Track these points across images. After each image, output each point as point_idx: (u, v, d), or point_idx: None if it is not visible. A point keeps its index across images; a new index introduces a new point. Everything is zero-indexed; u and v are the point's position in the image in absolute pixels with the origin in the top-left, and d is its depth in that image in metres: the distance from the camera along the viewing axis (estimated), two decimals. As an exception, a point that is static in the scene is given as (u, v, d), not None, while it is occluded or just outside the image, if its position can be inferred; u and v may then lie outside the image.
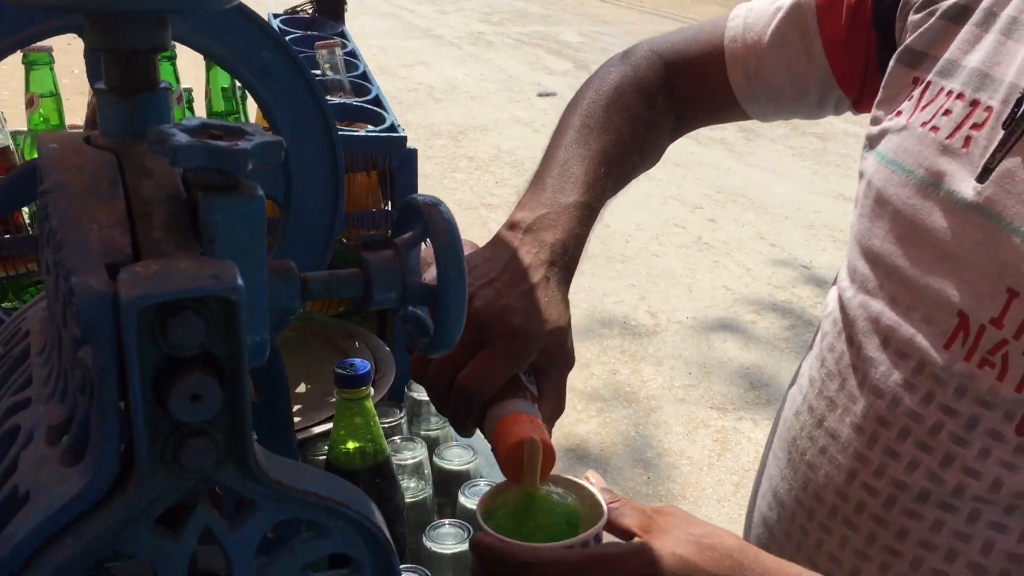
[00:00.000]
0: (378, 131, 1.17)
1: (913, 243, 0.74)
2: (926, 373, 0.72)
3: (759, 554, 0.65)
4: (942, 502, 0.72)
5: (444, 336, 0.56)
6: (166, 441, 0.45)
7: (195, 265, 0.44)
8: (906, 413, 0.73)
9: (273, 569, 0.49)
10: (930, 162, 0.74)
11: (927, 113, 0.76)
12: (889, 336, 0.75)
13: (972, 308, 0.69)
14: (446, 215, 0.55)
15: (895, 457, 0.74)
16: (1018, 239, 0.67)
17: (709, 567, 0.62)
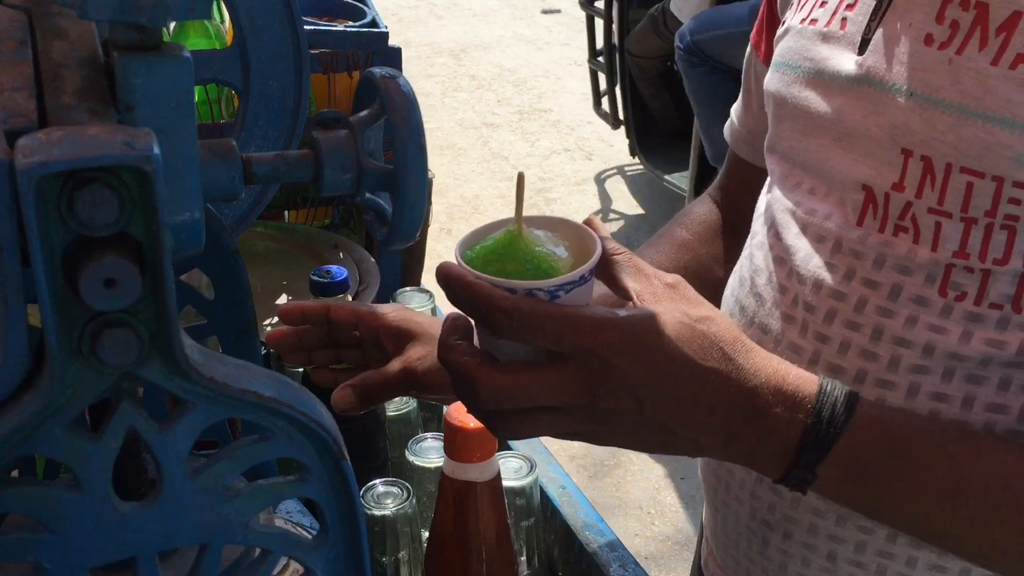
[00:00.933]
0: (357, 26, 1.11)
1: (812, 132, 0.76)
2: (844, 251, 0.72)
3: (752, 350, 0.61)
4: (879, 380, 0.70)
5: (403, 223, 0.51)
6: (81, 331, 0.41)
7: (105, 131, 0.38)
8: (830, 294, 0.73)
9: (208, 474, 0.45)
10: (812, 52, 0.76)
11: (805, 10, 0.78)
12: (806, 223, 0.75)
13: (874, 178, 0.70)
14: (404, 87, 0.50)
15: (826, 341, 0.73)
16: (901, 98, 0.68)
17: (694, 355, 0.58)
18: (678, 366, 0.58)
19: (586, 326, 0.57)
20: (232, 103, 1.20)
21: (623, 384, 0.57)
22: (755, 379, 0.60)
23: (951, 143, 0.65)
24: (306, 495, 0.49)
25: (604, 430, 0.60)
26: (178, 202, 0.44)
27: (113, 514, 0.44)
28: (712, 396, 0.59)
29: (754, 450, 0.62)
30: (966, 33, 0.65)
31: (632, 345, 0.57)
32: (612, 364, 0.57)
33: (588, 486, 2.67)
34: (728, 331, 0.61)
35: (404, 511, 0.90)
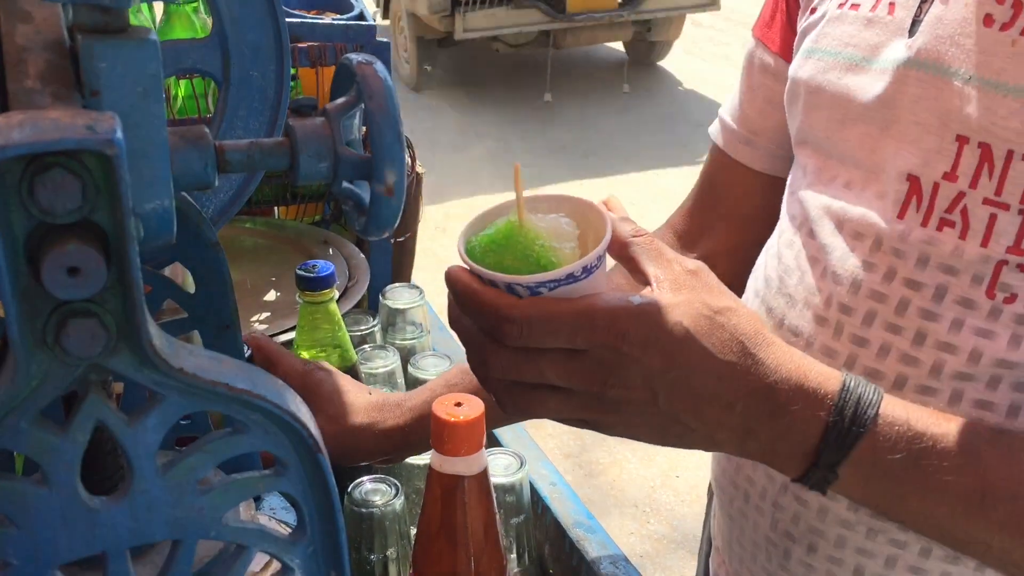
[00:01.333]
0: (344, 19, 1.10)
1: (852, 121, 0.71)
2: (884, 249, 0.68)
3: (772, 343, 0.58)
4: (920, 386, 0.66)
5: (380, 212, 0.50)
6: (46, 322, 0.40)
7: (67, 115, 0.37)
8: (868, 295, 0.69)
9: (179, 468, 0.44)
10: (855, 38, 0.71)
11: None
12: (842, 219, 0.71)
13: (921, 168, 0.66)
14: (381, 74, 0.49)
15: (863, 345, 0.69)
16: (959, 82, 0.64)
17: (712, 347, 0.55)
18: (696, 358, 0.56)
19: (599, 319, 0.54)
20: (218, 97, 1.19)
21: (637, 374, 0.55)
22: (775, 374, 0.57)
23: (1014, 128, 0.61)
24: (282, 489, 0.47)
25: (613, 419, 0.58)
26: (147, 189, 0.43)
27: (81, 509, 0.43)
28: (730, 391, 0.57)
29: (772, 447, 0.59)
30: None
31: (648, 335, 0.55)
32: (626, 354, 0.55)
33: (583, 484, 2.66)
34: (749, 323, 0.58)
35: (392, 508, 0.89)
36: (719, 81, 5.63)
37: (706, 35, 6.47)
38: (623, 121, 5.19)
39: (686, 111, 5.34)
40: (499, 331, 0.54)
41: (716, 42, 6.36)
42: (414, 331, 1.20)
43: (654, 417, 0.57)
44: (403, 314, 1.19)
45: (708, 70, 5.92)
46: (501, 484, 0.91)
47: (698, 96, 5.59)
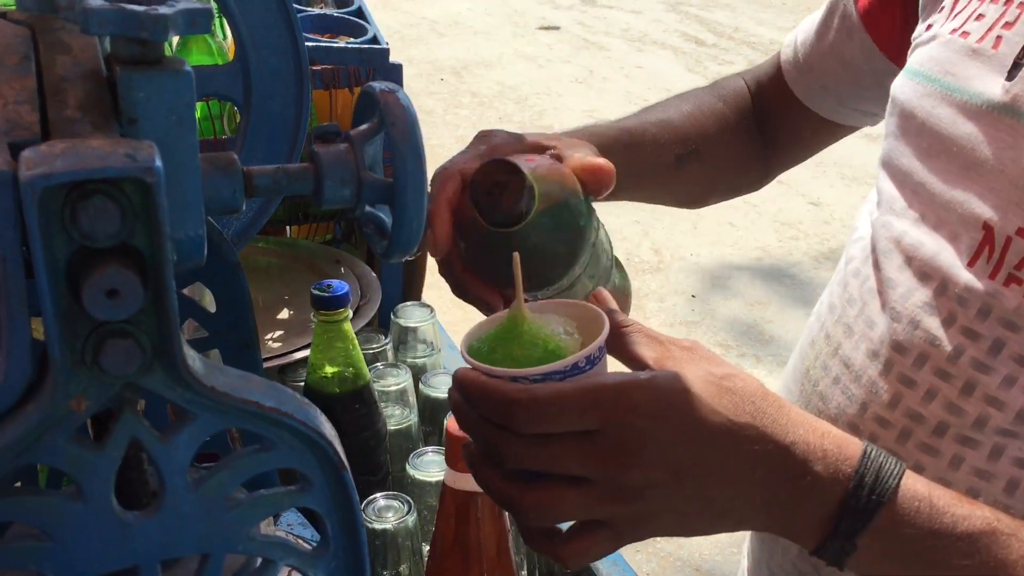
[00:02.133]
0: (358, 43, 1.12)
1: (938, 155, 0.69)
2: (948, 294, 0.66)
3: (784, 404, 0.57)
4: (961, 436, 0.66)
5: (402, 236, 0.51)
6: (84, 342, 0.41)
7: (108, 144, 0.39)
8: (925, 337, 0.67)
9: (210, 484, 0.45)
10: (956, 67, 0.69)
11: (958, 20, 0.71)
12: (911, 255, 0.69)
13: (998, 219, 0.64)
14: (403, 102, 0.50)
15: (911, 386, 0.68)
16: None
17: (726, 410, 0.54)
18: (711, 423, 0.54)
19: (607, 394, 0.53)
20: (234, 119, 1.20)
21: (655, 450, 0.53)
22: (792, 434, 0.55)
23: None
24: (307, 505, 0.49)
25: (637, 508, 0.55)
26: (180, 214, 0.45)
27: (115, 523, 0.44)
28: (748, 454, 0.55)
29: (792, 515, 0.57)
30: None
31: (659, 405, 0.53)
32: (640, 428, 0.53)
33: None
34: (757, 386, 0.57)
35: (405, 525, 0.90)
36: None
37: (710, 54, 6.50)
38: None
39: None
40: (509, 416, 0.53)
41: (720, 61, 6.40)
42: (425, 349, 1.21)
43: (678, 499, 0.55)
44: (414, 332, 1.21)
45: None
46: (513, 501, 0.92)
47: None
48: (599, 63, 6.39)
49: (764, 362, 3.27)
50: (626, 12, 7.45)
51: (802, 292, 3.69)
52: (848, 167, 4.75)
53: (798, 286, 3.77)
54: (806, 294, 3.67)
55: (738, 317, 3.58)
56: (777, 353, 3.33)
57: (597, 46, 6.70)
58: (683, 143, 0.92)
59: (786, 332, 3.44)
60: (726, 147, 0.96)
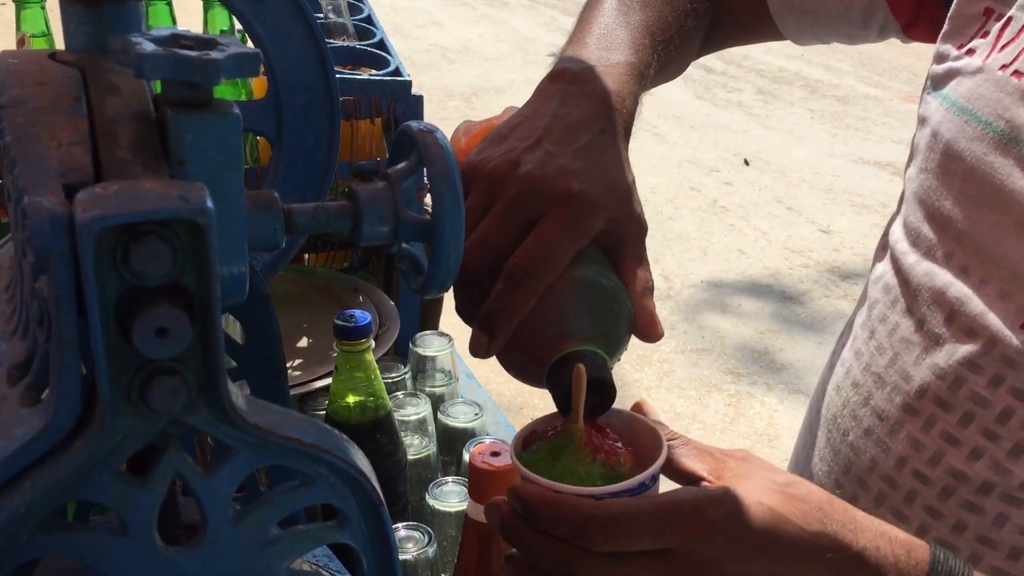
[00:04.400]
0: (381, 75, 1.13)
1: (989, 206, 0.65)
2: (995, 354, 0.64)
3: (848, 508, 0.57)
4: (1007, 495, 0.65)
5: (439, 274, 0.52)
6: (132, 379, 0.42)
7: (160, 186, 0.40)
8: (970, 396, 0.66)
9: (250, 519, 0.46)
10: (1012, 112, 0.64)
11: (1007, 54, 0.66)
12: (956, 310, 0.67)
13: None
14: (442, 142, 0.51)
15: (955, 444, 0.66)
16: None
17: (798, 519, 0.53)
18: (785, 535, 0.53)
19: (686, 510, 0.52)
20: (257, 148, 1.22)
21: (733, 566, 0.53)
22: (862, 539, 0.55)
23: None
24: (344, 541, 0.49)
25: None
26: (226, 253, 0.45)
27: (158, 558, 0.44)
28: (824, 562, 0.54)
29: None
30: None
31: (735, 520, 0.53)
32: (718, 544, 0.52)
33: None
34: (820, 492, 0.56)
35: (425, 555, 0.91)
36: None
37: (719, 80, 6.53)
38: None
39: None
40: (584, 535, 0.52)
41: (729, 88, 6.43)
42: (443, 378, 1.22)
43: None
44: (433, 361, 1.21)
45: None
46: (534, 532, 0.92)
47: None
48: (608, 90, 6.42)
49: (775, 390, 3.26)
50: (635, 39, 7.49)
51: (812, 319, 3.69)
52: (858, 195, 4.76)
53: (809, 313, 3.77)
54: (816, 321, 3.66)
55: (748, 344, 3.58)
56: (788, 381, 3.33)
57: (606, 73, 6.74)
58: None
59: (797, 360, 3.44)
60: (690, 41, 0.87)
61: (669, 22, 0.79)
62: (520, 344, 0.60)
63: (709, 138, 5.60)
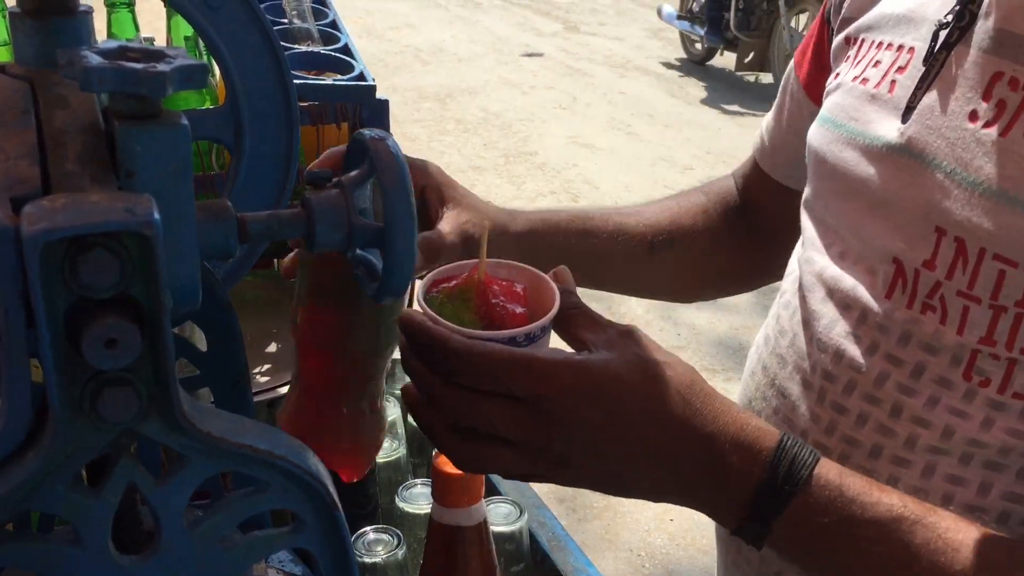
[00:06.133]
0: (346, 80, 1.13)
1: (847, 195, 0.73)
2: (869, 323, 0.70)
3: (710, 394, 0.60)
4: (896, 457, 0.69)
5: (393, 280, 0.52)
6: (83, 390, 0.42)
7: (107, 198, 0.40)
8: (850, 365, 0.70)
9: (205, 526, 0.46)
10: (859, 113, 0.73)
11: (859, 68, 0.75)
12: (833, 288, 0.73)
13: (905, 252, 0.68)
14: (393, 150, 0.52)
15: (843, 412, 0.71)
16: (940, 175, 0.65)
17: (650, 399, 0.57)
18: (636, 410, 0.57)
19: (538, 370, 0.56)
20: (223, 155, 1.22)
21: (580, 427, 0.57)
22: (713, 424, 0.59)
23: (987, 228, 0.62)
24: (301, 546, 0.50)
25: (563, 472, 0.59)
26: (176, 263, 0.46)
27: (112, 567, 0.45)
28: (670, 441, 0.58)
29: (710, 499, 0.60)
30: (1012, 114, 0.62)
31: (589, 388, 0.56)
32: (568, 408, 0.56)
33: (578, 528, 2.66)
34: (686, 375, 0.60)
35: (395, 558, 0.91)
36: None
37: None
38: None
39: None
40: (444, 363, 0.57)
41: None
42: (413, 381, 1.22)
43: (598, 471, 0.59)
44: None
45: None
46: (501, 533, 0.93)
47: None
48: (582, 89, 6.44)
49: (749, 386, 3.29)
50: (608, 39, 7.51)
51: (786, 316, 3.72)
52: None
53: (782, 310, 3.79)
54: (790, 318, 3.70)
55: (723, 340, 3.60)
56: (762, 377, 3.35)
57: (580, 72, 6.76)
58: (656, 231, 0.96)
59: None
60: (704, 236, 0.99)
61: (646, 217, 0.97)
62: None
63: (683, 136, 5.64)
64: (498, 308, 0.61)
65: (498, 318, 0.60)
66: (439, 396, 0.58)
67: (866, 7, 0.78)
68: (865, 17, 0.77)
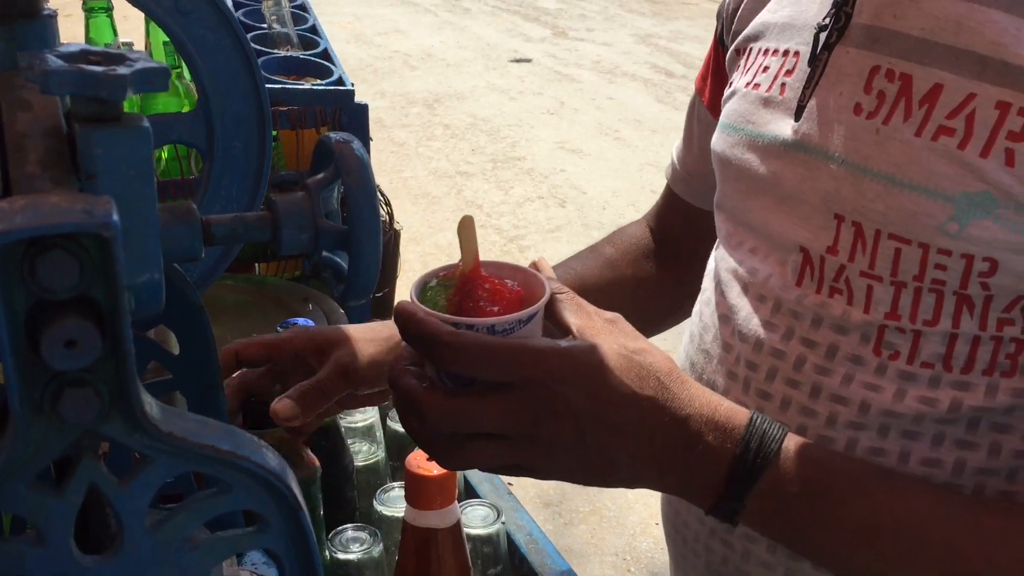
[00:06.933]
0: (324, 84, 1.14)
1: (754, 194, 0.77)
2: (784, 311, 0.74)
3: (686, 381, 0.63)
4: (819, 436, 0.72)
5: (358, 281, 0.53)
6: (43, 391, 0.42)
7: (66, 200, 0.40)
8: (770, 353, 0.74)
9: (168, 527, 0.46)
10: (755, 116, 0.78)
11: (750, 75, 0.80)
12: (747, 282, 0.77)
13: (810, 241, 0.72)
14: (358, 151, 0.52)
15: (767, 398, 0.75)
16: (834, 165, 0.70)
17: (632, 383, 0.60)
18: (617, 394, 0.60)
19: (527, 356, 0.58)
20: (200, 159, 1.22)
21: (565, 411, 0.59)
22: (689, 407, 0.62)
23: (879, 211, 0.67)
24: (265, 546, 0.50)
25: (546, 460, 0.61)
26: (138, 264, 0.46)
27: (74, 568, 0.45)
28: (649, 424, 0.61)
29: (686, 479, 0.63)
30: (891, 104, 0.67)
31: (573, 374, 0.59)
32: (554, 392, 0.59)
33: (563, 533, 2.66)
34: (664, 362, 0.63)
35: (371, 556, 0.91)
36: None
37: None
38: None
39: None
40: (436, 353, 0.58)
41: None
42: (393, 385, 1.22)
43: (582, 456, 0.61)
44: (382, 368, 1.22)
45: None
46: (478, 535, 0.93)
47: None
48: (570, 95, 6.45)
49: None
50: (597, 44, 7.53)
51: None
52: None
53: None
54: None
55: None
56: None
57: (568, 78, 6.77)
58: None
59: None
60: (614, 287, 1.02)
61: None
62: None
63: (671, 141, 5.65)
64: (489, 300, 0.62)
65: (491, 307, 0.62)
66: (424, 408, 0.59)
67: (749, 18, 0.83)
68: (750, 27, 0.83)
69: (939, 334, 0.67)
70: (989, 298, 0.66)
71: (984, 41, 0.64)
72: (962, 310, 0.66)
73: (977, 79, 0.64)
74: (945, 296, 0.66)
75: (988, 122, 0.63)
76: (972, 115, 0.64)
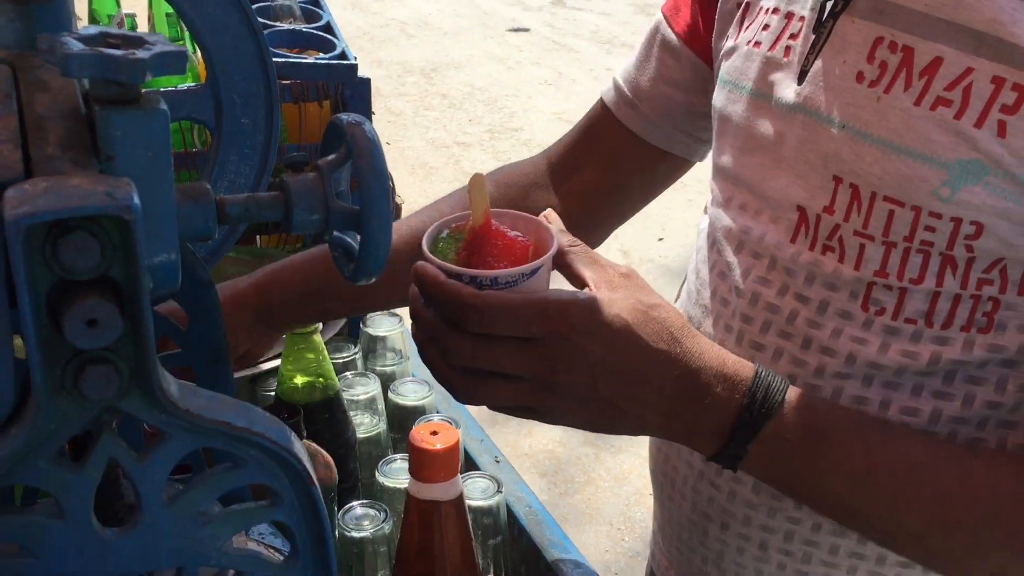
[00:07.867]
0: (327, 58, 1.14)
1: (751, 152, 0.80)
2: (778, 268, 0.77)
3: (696, 335, 0.67)
4: (808, 384, 0.75)
5: (368, 262, 0.54)
6: (64, 368, 0.43)
7: (88, 182, 0.41)
8: (765, 307, 0.78)
9: (184, 501, 0.48)
10: (757, 74, 0.80)
11: (751, 32, 0.82)
12: (743, 240, 0.80)
13: (808, 201, 0.75)
14: (369, 133, 0.53)
15: (760, 350, 0.78)
16: (834, 130, 0.73)
17: (647, 337, 0.64)
18: (632, 346, 0.64)
19: (552, 309, 0.62)
20: (204, 132, 1.22)
21: (582, 360, 0.63)
22: (699, 361, 0.66)
23: (876, 174, 0.71)
24: (278, 519, 0.51)
25: (558, 405, 0.65)
26: (155, 244, 0.47)
27: (94, 540, 0.46)
28: (661, 375, 0.65)
29: (694, 426, 0.68)
30: (893, 74, 0.70)
31: (593, 325, 0.63)
32: (574, 342, 0.62)
33: (559, 503, 2.69)
34: (677, 317, 0.67)
35: (382, 532, 0.93)
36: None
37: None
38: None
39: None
40: (461, 317, 0.62)
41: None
42: (394, 358, 1.24)
43: (593, 402, 0.65)
44: (383, 341, 1.23)
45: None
46: (479, 507, 0.95)
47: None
48: (568, 65, 6.42)
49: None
50: (595, 14, 7.49)
51: (768, 293, 3.75)
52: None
53: (764, 288, 3.82)
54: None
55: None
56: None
57: (566, 48, 6.74)
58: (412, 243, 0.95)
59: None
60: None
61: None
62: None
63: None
64: (502, 250, 0.65)
65: (503, 262, 0.65)
66: (449, 342, 0.63)
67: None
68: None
69: (923, 292, 0.71)
70: (972, 259, 0.69)
71: (982, 18, 0.66)
72: (946, 270, 0.70)
73: (975, 54, 0.67)
74: (932, 256, 0.70)
75: (983, 95, 0.66)
76: (969, 88, 0.67)
